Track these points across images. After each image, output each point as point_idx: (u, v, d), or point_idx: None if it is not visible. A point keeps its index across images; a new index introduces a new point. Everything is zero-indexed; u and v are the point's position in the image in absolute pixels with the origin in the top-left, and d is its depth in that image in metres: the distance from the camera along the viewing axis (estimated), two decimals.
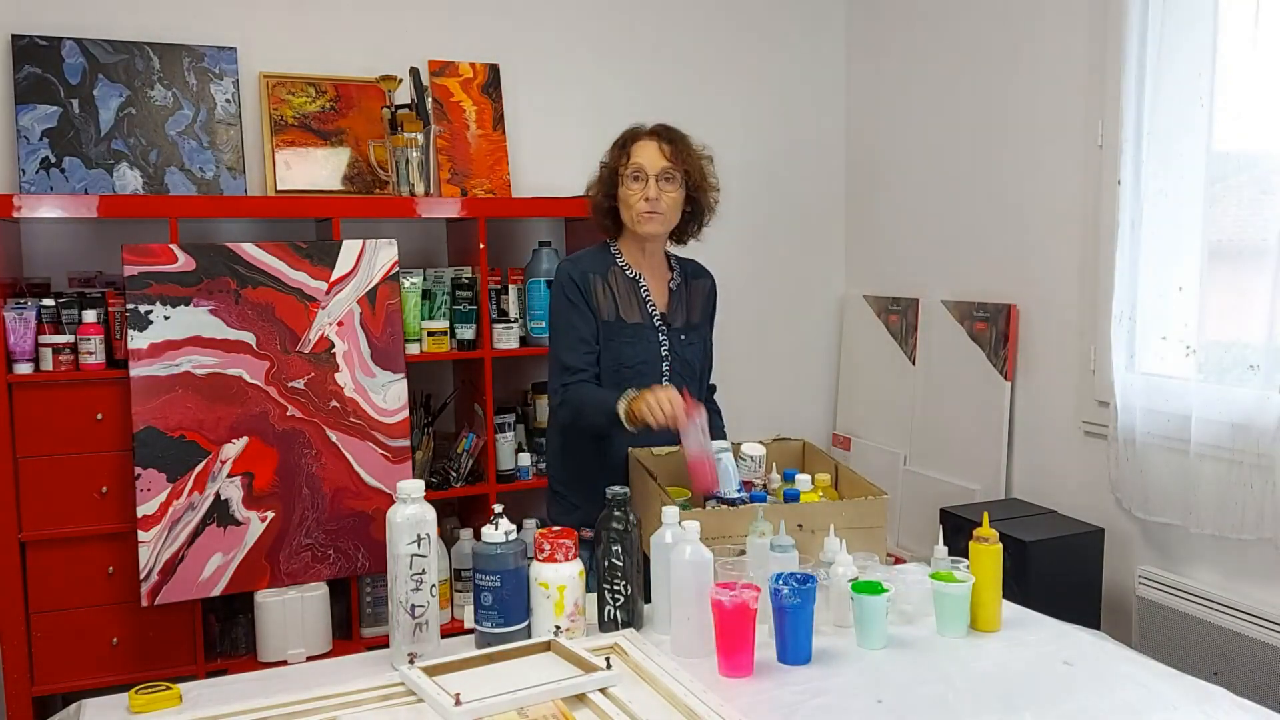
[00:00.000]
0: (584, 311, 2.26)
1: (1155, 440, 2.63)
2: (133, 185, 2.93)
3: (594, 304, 2.26)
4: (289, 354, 2.79)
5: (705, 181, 2.32)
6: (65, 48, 2.90)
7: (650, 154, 2.26)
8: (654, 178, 2.24)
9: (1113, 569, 2.78)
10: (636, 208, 2.25)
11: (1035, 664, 1.70)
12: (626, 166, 2.26)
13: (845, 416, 3.94)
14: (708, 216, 2.38)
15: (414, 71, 3.14)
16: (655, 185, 2.24)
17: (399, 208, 3.07)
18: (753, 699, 1.56)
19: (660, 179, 2.25)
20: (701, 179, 2.31)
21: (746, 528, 1.87)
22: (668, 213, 2.27)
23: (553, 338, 2.31)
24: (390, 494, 2.66)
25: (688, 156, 2.28)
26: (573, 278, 2.27)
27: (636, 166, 2.25)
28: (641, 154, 2.26)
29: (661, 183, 2.25)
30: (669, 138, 2.28)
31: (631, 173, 2.25)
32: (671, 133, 2.30)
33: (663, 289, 2.36)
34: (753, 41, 3.80)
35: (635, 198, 2.25)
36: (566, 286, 2.27)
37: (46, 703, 2.70)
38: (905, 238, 3.65)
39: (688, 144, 2.30)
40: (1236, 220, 2.45)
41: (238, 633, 2.85)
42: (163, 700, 1.58)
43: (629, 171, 2.26)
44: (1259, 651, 2.39)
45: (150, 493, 2.63)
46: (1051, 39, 3.01)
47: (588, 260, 2.32)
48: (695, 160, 2.30)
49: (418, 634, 1.69)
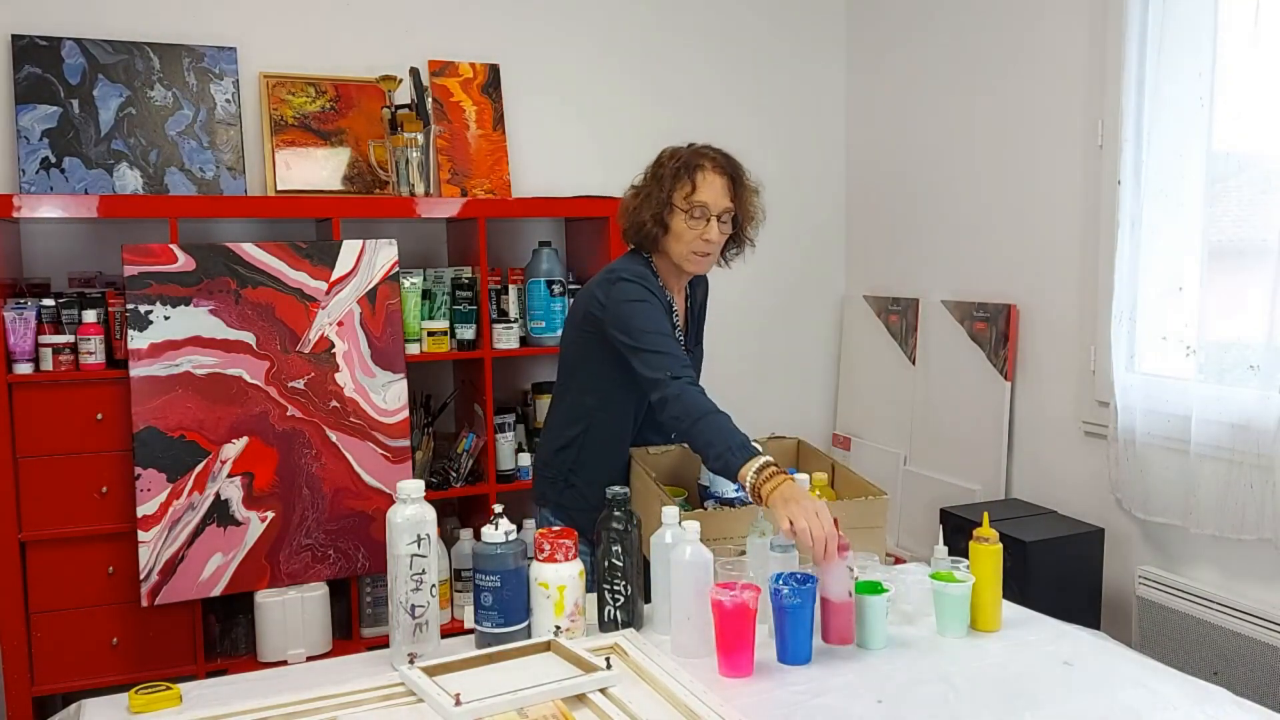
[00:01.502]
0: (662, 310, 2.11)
1: (1155, 440, 2.63)
2: (133, 185, 2.93)
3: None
4: (289, 354, 2.79)
5: (753, 217, 2.19)
6: (65, 48, 2.90)
7: (716, 192, 2.10)
8: (715, 218, 2.09)
9: (1113, 569, 2.78)
10: (691, 246, 2.11)
11: (1035, 664, 1.70)
12: (688, 200, 2.09)
13: (845, 416, 3.94)
14: (745, 249, 2.25)
15: (414, 71, 3.14)
16: (717, 227, 2.10)
17: (399, 208, 3.07)
18: (753, 699, 1.56)
19: (720, 218, 2.11)
20: (750, 216, 2.18)
21: (746, 528, 1.87)
22: (716, 253, 2.16)
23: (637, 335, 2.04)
24: (390, 494, 2.66)
25: (745, 195, 2.16)
26: (644, 286, 2.10)
27: (701, 205, 2.08)
28: (707, 191, 2.09)
29: (720, 223, 2.11)
30: (733, 173, 2.13)
31: (694, 210, 2.09)
32: (735, 166, 2.15)
33: (683, 308, 2.29)
34: (754, 40, 3.80)
35: (693, 236, 2.10)
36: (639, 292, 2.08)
37: (46, 703, 2.70)
38: (905, 238, 3.65)
39: (745, 179, 2.16)
40: (1236, 220, 2.45)
41: (238, 633, 2.85)
42: (163, 700, 1.58)
43: (691, 208, 2.09)
44: (1259, 651, 2.39)
45: (150, 493, 2.63)
46: (1051, 39, 3.01)
47: (646, 277, 2.14)
48: (751, 196, 2.17)
49: (418, 634, 1.69)
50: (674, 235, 2.12)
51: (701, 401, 1.94)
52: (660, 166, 2.16)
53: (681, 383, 1.96)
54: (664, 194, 2.11)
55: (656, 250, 2.18)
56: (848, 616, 1.73)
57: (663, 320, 2.07)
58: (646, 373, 2.00)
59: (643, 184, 2.18)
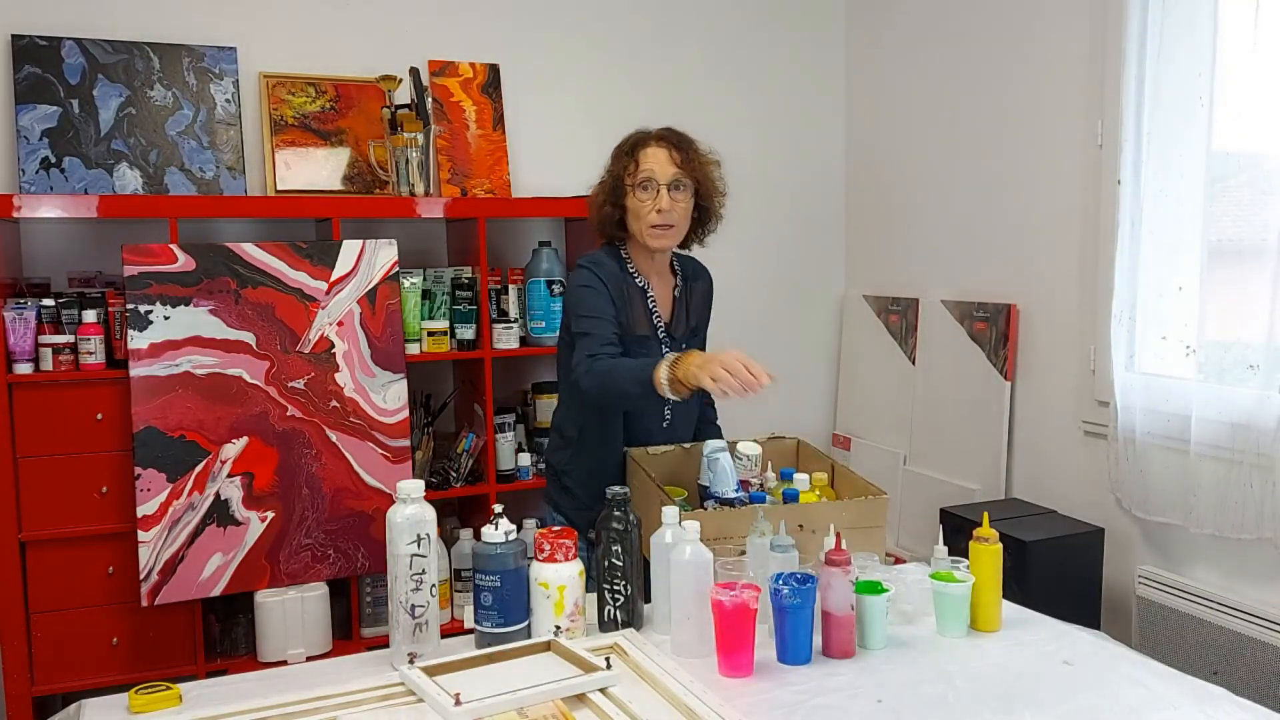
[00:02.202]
0: (609, 297, 2.16)
1: (1155, 440, 2.63)
2: (133, 185, 2.93)
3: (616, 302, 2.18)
4: (289, 354, 2.79)
5: (714, 188, 2.23)
6: (65, 48, 2.90)
7: (660, 161, 2.16)
8: (664, 187, 2.15)
9: (1113, 569, 2.78)
10: (647, 219, 2.16)
11: (1035, 664, 1.70)
12: (635, 175, 2.17)
13: (845, 416, 3.94)
14: (714, 223, 2.28)
15: (414, 71, 3.14)
16: (667, 196, 2.15)
17: (399, 208, 3.07)
18: (753, 699, 1.56)
19: (671, 188, 2.15)
20: (710, 186, 2.22)
21: (746, 528, 1.87)
22: (679, 224, 2.19)
23: (575, 320, 2.16)
24: (390, 494, 2.66)
25: (697, 163, 2.19)
26: (597, 272, 2.18)
27: (646, 175, 2.15)
28: (650, 161, 2.16)
29: (672, 192, 2.15)
30: (678, 143, 2.18)
31: (640, 181, 2.16)
32: (680, 137, 2.20)
33: (667, 296, 2.31)
34: (753, 40, 3.80)
35: (646, 209, 2.15)
36: (588, 278, 2.17)
37: (46, 703, 2.70)
38: (905, 238, 3.65)
39: (696, 149, 2.20)
40: (1236, 220, 2.45)
41: (238, 633, 2.85)
42: (163, 700, 1.58)
43: (638, 180, 2.16)
44: (1259, 651, 2.39)
45: (150, 493, 2.63)
46: (1051, 39, 3.00)
47: (604, 263, 2.21)
48: (705, 167, 2.20)
49: (418, 634, 1.69)
50: (631, 214, 2.20)
51: (606, 360, 2.05)
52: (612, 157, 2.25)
53: (596, 360, 2.05)
54: (615, 178, 2.20)
55: (624, 235, 2.25)
56: (849, 630, 1.72)
57: (599, 304, 2.14)
58: (577, 353, 2.11)
59: (601, 178, 2.26)
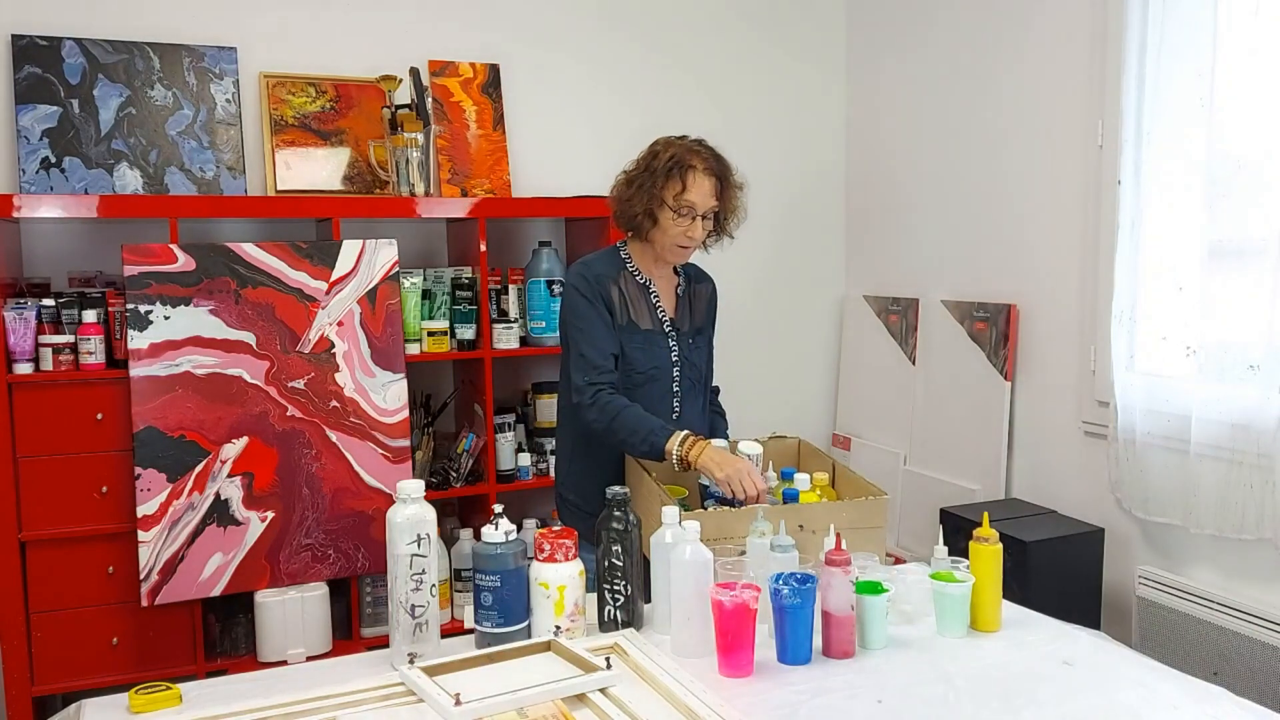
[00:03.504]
0: (603, 310, 2.22)
1: (1155, 440, 2.63)
2: (133, 185, 2.93)
3: (610, 306, 2.23)
4: (289, 354, 2.79)
5: (736, 214, 2.29)
6: (65, 48, 2.90)
7: (704, 193, 2.20)
8: (700, 216, 2.20)
9: (1113, 569, 2.78)
10: (675, 240, 2.21)
11: (1035, 664, 1.70)
12: (678, 199, 2.19)
13: (845, 416, 3.94)
14: (725, 239, 2.34)
15: (414, 71, 3.14)
16: (700, 224, 2.21)
17: (399, 208, 3.07)
18: (753, 699, 1.56)
19: (704, 216, 2.22)
20: (734, 213, 2.28)
21: (746, 528, 1.87)
22: (697, 244, 2.26)
23: (572, 335, 2.23)
24: (390, 494, 2.66)
25: (731, 195, 2.25)
26: (587, 279, 2.23)
27: (689, 204, 2.19)
28: (696, 192, 2.19)
29: (704, 220, 2.22)
30: (720, 174, 2.23)
31: (682, 208, 2.19)
32: (723, 167, 2.24)
33: (670, 294, 2.34)
34: (753, 40, 3.80)
35: (678, 232, 2.20)
36: (582, 286, 2.22)
37: (46, 703, 2.70)
38: (905, 238, 3.65)
39: (733, 181, 2.26)
40: (1236, 220, 2.45)
41: (238, 633, 2.85)
42: (163, 700, 1.58)
43: (679, 206, 2.19)
44: (1259, 651, 2.39)
45: (150, 493, 2.63)
46: (1051, 39, 3.00)
47: (599, 264, 2.27)
48: (736, 199, 2.26)
49: (418, 634, 1.69)
50: (660, 229, 2.22)
51: (616, 400, 2.14)
52: (654, 159, 2.23)
53: (596, 390, 2.14)
54: (655, 189, 2.20)
55: (641, 238, 2.26)
56: (849, 630, 1.72)
57: (594, 324, 2.20)
58: (574, 374, 2.19)
59: (635, 173, 2.25)
